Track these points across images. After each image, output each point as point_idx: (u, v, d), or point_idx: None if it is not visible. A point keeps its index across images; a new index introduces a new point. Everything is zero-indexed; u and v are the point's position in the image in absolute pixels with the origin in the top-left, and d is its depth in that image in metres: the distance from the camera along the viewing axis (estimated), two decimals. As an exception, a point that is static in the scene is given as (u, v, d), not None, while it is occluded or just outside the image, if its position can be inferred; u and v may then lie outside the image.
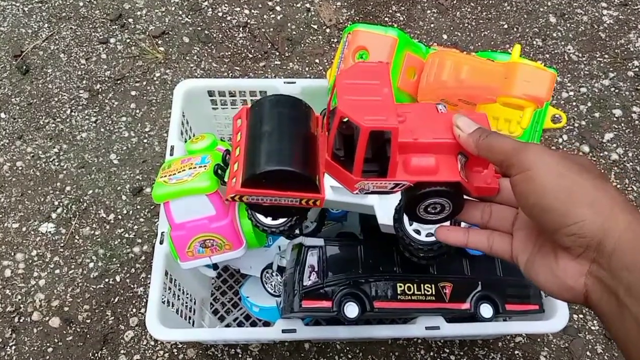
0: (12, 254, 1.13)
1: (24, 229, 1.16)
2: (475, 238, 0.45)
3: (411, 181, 0.41)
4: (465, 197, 0.43)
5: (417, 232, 0.66)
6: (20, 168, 1.22)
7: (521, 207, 0.39)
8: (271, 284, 0.92)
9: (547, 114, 0.84)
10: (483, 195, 0.43)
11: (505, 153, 0.38)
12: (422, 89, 0.75)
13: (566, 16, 1.47)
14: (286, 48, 1.39)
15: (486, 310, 0.80)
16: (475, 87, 0.69)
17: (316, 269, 0.77)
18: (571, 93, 1.36)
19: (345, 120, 0.41)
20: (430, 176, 0.41)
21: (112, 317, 1.07)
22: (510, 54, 0.75)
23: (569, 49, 1.42)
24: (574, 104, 1.34)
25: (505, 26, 1.46)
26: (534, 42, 1.44)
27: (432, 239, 0.66)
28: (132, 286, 1.10)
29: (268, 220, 0.71)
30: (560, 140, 1.29)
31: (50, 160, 1.23)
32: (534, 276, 0.40)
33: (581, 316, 1.09)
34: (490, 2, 1.49)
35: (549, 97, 0.68)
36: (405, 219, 0.67)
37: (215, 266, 0.87)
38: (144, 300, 1.09)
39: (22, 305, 1.08)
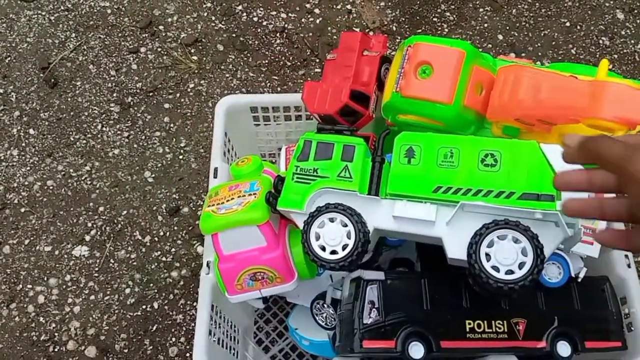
0: (45, 279, 1.15)
1: (56, 252, 1.18)
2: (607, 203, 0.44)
3: None
4: None
5: (496, 268, 0.64)
6: (51, 187, 1.24)
7: None
8: (322, 316, 0.91)
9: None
10: None
11: (614, 160, 0.39)
12: (493, 107, 0.73)
13: (635, 11, 1.43)
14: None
15: (564, 348, 0.78)
16: (558, 108, 0.67)
17: (376, 305, 0.75)
18: (644, 97, 1.31)
19: None
20: None
21: (151, 347, 1.08)
22: (591, 66, 0.72)
23: (640, 48, 1.38)
24: (648, 109, 1.30)
25: (568, 24, 1.42)
26: (600, 41, 1.40)
27: (513, 276, 0.64)
28: (170, 313, 1.11)
29: (326, 255, 0.70)
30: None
31: (82, 178, 1.25)
32: None
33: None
34: (550, -3, 1.46)
35: None
36: (482, 254, 0.65)
37: (264, 299, 0.86)
38: (184, 328, 1.10)
39: (56, 334, 1.10)
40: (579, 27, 1.41)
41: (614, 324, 0.82)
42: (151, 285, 1.14)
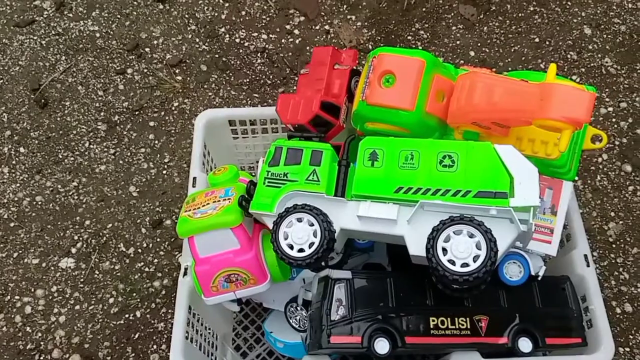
0: (32, 290, 1.17)
1: (43, 264, 1.20)
2: None
3: None
4: None
5: (452, 262, 0.67)
6: (39, 203, 1.27)
7: None
8: (296, 319, 0.93)
9: (587, 134, 0.84)
10: None
11: None
12: (452, 112, 0.76)
13: (602, 27, 1.48)
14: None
15: (525, 344, 0.80)
16: (510, 110, 0.70)
17: (344, 303, 0.78)
18: (610, 109, 1.36)
19: None
20: None
21: (133, 354, 1.10)
22: (543, 73, 0.76)
23: (607, 62, 1.43)
24: (614, 120, 1.34)
25: (537, 40, 1.47)
26: (568, 56, 1.45)
27: (468, 269, 0.67)
28: (152, 322, 1.13)
29: (294, 253, 0.73)
30: (600, 159, 1.29)
31: (70, 194, 1.28)
32: None
33: (627, 349, 1.08)
34: (520, 15, 1.51)
35: (588, 118, 0.68)
36: (439, 248, 0.68)
37: (239, 301, 0.89)
38: (165, 336, 1.12)
39: (42, 343, 1.12)
40: (547, 43, 1.47)
41: (574, 321, 0.85)
42: (134, 294, 1.16)
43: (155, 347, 1.11)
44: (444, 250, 0.68)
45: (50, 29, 1.53)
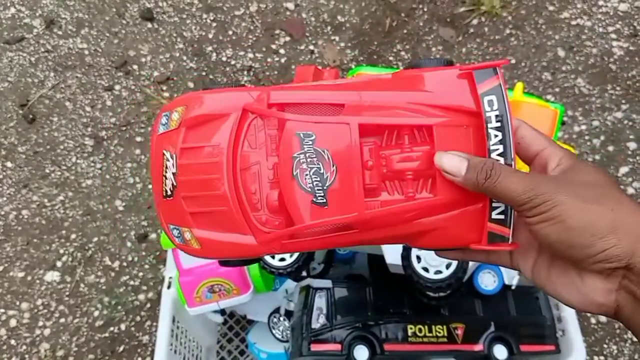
0: (18, 303, 1.18)
1: (29, 278, 1.20)
2: (470, 251, 0.43)
3: None
4: None
5: (426, 269, 0.70)
6: (25, 217, 1.28)
7: (540, 242, 0.39)
8: (279, 329, 0.95)
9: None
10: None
11: (515, 198, 0.37)
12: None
13: (575, 49, 1.53)
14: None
15: (500, 351, 0.83)
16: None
17: (324, 312, 0.80)
18: (583, 127, 1.40)
19: None
20: None
21: (118, 368, 1.11)
22: (510, 89, 0.80)
23: (579, 82, 1.47)
24: (587, 137, 1.39)
25: (513, 61, 1.52)
26: (543, 76, 1.50)
27: (440, 276, 0.69)
28: (137, 334, 1.14)
29: (275, 262, 0.75)
30: (573, 175, 1.33)
31: (56, 208, 1.29)
32: (551, 289, 0.40)
33: (602, 357, 1.10)
34: (497, 37, 1.56)
35: (552, 134, 0.73)
36: (414, 257, 0.70)
37: (222, 311, 0.91)
38: (149, 348, 1.12)
39: (27, 356, 1.12)
40: (523, 64, 1.51)
41: (548, 329, 0.88)
42: (119, 307, 1.17)
43: (140, 359, 1.11)
44: (418, 258, 0.70)
45: (39, 46, 1.54)
